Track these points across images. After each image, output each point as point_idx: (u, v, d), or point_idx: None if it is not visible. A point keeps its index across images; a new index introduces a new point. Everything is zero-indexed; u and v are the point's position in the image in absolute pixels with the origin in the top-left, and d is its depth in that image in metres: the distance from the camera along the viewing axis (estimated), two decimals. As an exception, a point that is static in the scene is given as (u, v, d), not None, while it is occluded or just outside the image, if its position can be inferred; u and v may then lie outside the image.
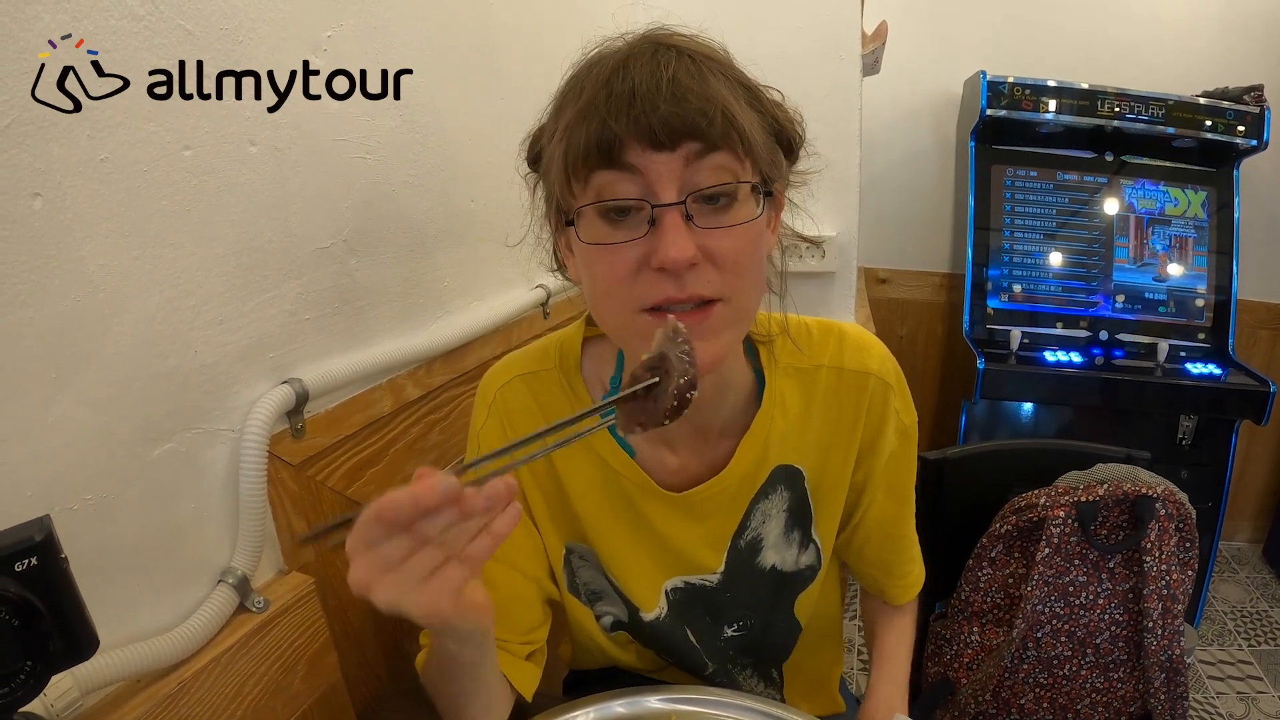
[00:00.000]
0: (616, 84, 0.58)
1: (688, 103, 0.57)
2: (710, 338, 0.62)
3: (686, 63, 0.59)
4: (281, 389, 0.75)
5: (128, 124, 0.59)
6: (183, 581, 0.69)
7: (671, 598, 0.85)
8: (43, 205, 0.53)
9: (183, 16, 0.63)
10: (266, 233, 0.74)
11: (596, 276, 0.64)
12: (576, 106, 0.60)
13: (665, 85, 0.57)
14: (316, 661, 0.79)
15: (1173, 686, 1.20)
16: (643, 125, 0.57)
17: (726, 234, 0.61)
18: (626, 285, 0.61)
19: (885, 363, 0.81)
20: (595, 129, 0.58)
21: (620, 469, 0.79)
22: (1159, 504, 1.12)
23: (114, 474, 0.61)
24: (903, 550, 0.91)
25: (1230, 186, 2.37)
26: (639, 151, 0.58)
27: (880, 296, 2.92)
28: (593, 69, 0.62)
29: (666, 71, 0.58)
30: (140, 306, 0.61)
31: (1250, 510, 2.97)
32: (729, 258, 0.61)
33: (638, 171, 0.59)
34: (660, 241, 0.59)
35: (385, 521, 0.50)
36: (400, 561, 0.51)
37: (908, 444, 0.84)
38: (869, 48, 1.67)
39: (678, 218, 0.59)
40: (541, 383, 0.80)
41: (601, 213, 0.61)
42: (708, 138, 0.58)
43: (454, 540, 0.52)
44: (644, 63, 0.59)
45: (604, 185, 0.60)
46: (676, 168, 0.59)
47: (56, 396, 0.56)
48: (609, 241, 0.61)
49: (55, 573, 0.41)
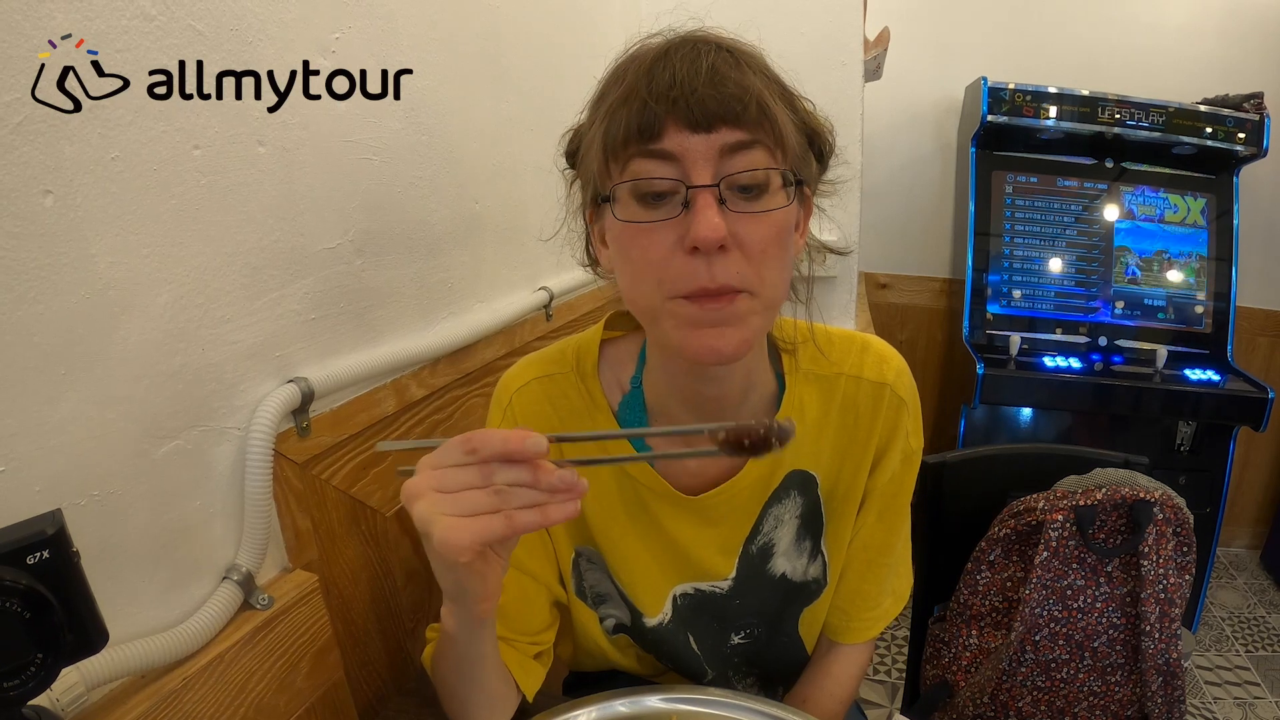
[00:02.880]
0: (658, 71, 0.60)
1: (725, 89, 0.59)
2: (736, 324, 0.63)
3: (726, 55, 0.61)
4: (287, 388, 0.76)
5: (138, 123, 0.59)
6: (188, 578, 0.69)
7: (679, 604, 0.85)
8: (54, 203, 0.54)
9: (193, 17, 0.64)
10: (274, 233, 0.74)
11: (631, 259, 0.65)
12: (617, 92, 0.62)
13: (704, 72, 0.59)
14: (320, 659, 0.79)
15: (1170, 690, 1.20)
16: (681, 108, 0.58)
17: (756, 221, 0.62)
18: (660, 269, 0.62)
19: (901, 377, 0.81)
20: (635, 111, 0.60)
21: (636, 474, 0.79)
22: (1156, 508, 1.12)
23: (121, 471, 0.61)
24: (883, 581, 0.89)
25: (1230, 193, 2.39)
26: (676, 133, 0.59)
27: (880, 301, 2.93)
28: (634, 60, 0.63)
29: (706, 60, 0.60)
30: (149, 305, 0.62)
31: (1248, 516, 2.97)
32: (758, 246, 0.62)
33: (674, 154, 0.60)
34: (693, 221, 0.59)
35: (469, 449, 0.52)
36: (457, 488, 0.52)
37: (909, 468, 0.84)
38: (871, 53, 1.67)
39: (711, 199, 0.60)
40: (557, 386, 0.80)
41: (637, 195, 0.62)
42: (743, 123, 0.60)
43: (509, 498, 0.53)
44: (685, 54, 0.61)
45: (641, 166, 0.61)
46: (712, 152, 0.60)
47: (65, 393, 0.56)
48: (644, 220, 0.62)
49: (66, 566, 0.42)
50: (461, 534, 0.51)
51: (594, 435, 0.54)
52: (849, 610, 0.89)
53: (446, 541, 0.51)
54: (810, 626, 0.90)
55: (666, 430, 0.79)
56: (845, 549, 0.86)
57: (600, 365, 0.81)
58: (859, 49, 1.55)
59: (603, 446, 0.81)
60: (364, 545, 0.90)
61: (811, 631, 0.91)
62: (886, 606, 0.90)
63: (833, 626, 0.91)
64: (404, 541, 0.98)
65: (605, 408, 0.80)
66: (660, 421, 0.80)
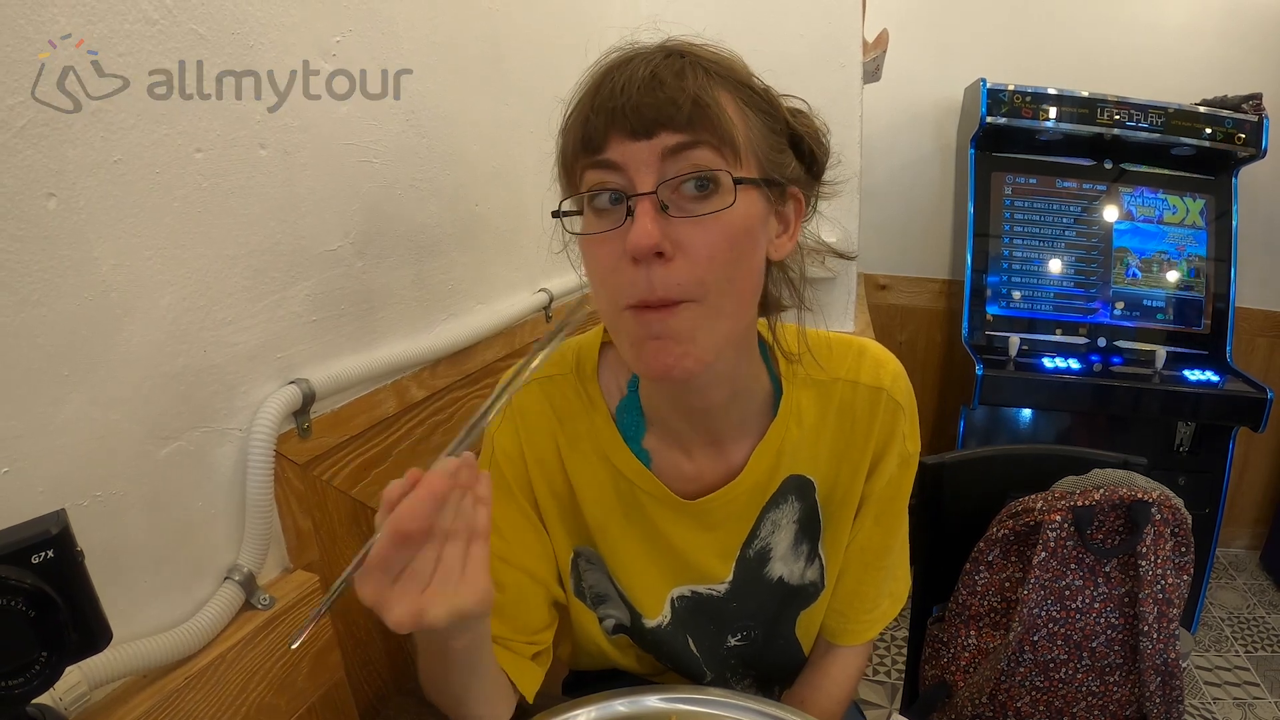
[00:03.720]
0: (604, 84, 0.61)
1: (660, 93, 0.59)
2: (684, 340, 0.62)
3: (673, 61, 0.61)
4: (288, 389, 0.76)
5: (140, 126, 0.60)
6: (189, 578, 0.69)
7: (676, 606, 0.86)
8: (57, 206, 0.54)
9: (195, 20, 0.64)
10: (276, 235, 0.75)
11: (589, 270, 0.66)
12: (574, 108, 0.64)
13: (642, 79, 0.59)
14: (320, 659, 0.80)
15: (1168, 690, 1.20)
16: (619, 117, 0.59)
17: (701, 225, 0.60)
18: (611, 278, 0.63)
19: (898, 381, 0.81)
20: (580, 123, 0.62)
21: (634, 478, 0.79)
22: (1154, 509, 1.13)
23: (123, 472, 0.62)
24: (880, 584, 0.89)
25: (1229, 194, 2.39)
26: (618, 143, 0.60)
27: (880, 303, 2.93)
28: (592, 76, 0.64)
29: (647, 68, 0.60)
30: (151, 307, 0.62)
31: (1248, 517, 2.97)
32: (703, 251, 0.60)
33: (617, 163, 0.60)
34: (629, 229, 0.59)
35: (413, 535, 0.50)
36: (432, 570, 0.52)
37: (906, 472, 0.84)
38: (870, 55, 1.68)
39: (649, 206, 0.59)
40: (558, 388, 0.81)
41: (592, 205, 0.63)
42: (679, 125, 0.59)
43: (468, 519, 0.54)
44: (634, 64, 0.61)
45: (591, 177, 0.62)
46: (654, 158, 0.60)
47: (68, 395, 0.56)
48: (591, 232, 0.63)
49: (71, 565, 0.42)
50: (475, 584, 0.54)
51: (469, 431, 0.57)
52: (846, 613, 0.89)
53: (478, 601, 0.54)
54: (807, 629, 0.91)
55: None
56: (842, 552, 0.86)
57: (600, 368, 0.81)
58: (858, 51, 1.55)
59: (599, 448, 0.81)
60: (364, 545, 0.90)
61: (809, 634, 0.91)
62: (884, 609, 0.90)
63: (830, 629, 0.91)
64: (404, 542, 0.98)
65: (604, 410, 0.80)
66: (657, 424, 0.80)
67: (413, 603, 0.51)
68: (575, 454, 0.80)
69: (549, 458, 0.81)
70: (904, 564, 0.91)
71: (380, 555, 0.50)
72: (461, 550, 0.53)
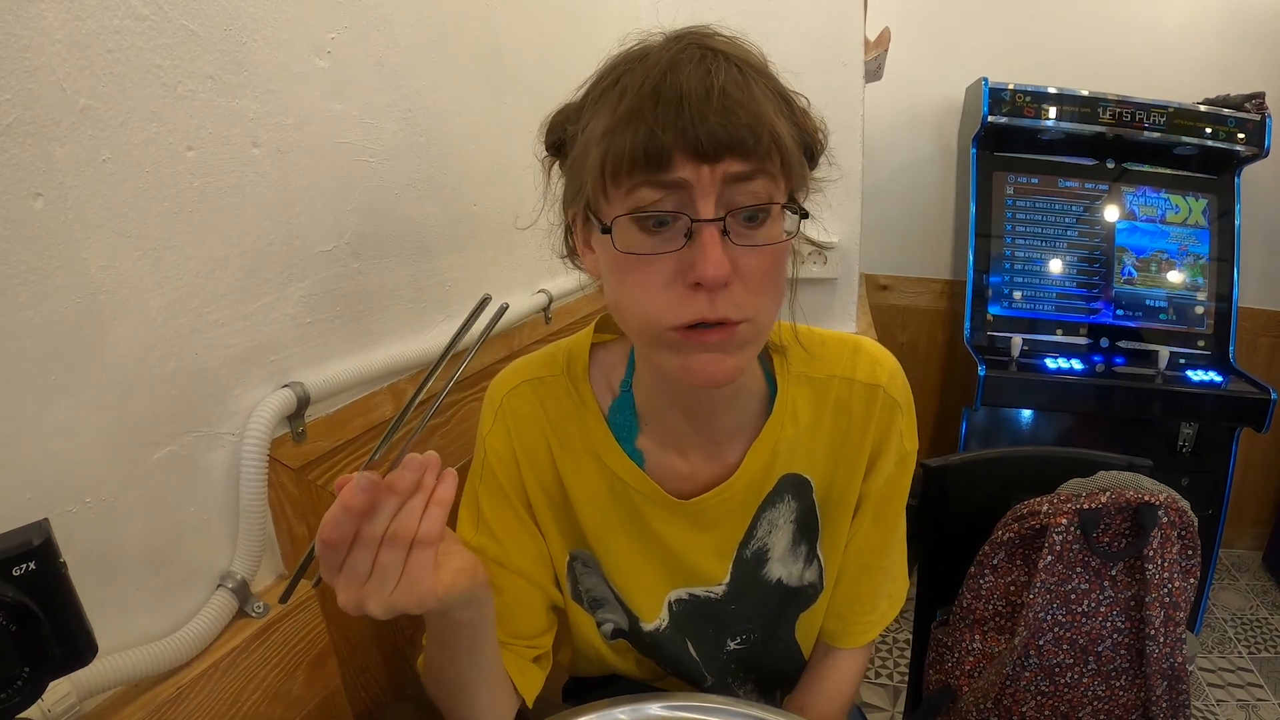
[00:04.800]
0: (665, 89, 0.57)
1: (736, 116, 0.56)
2: (733, 353, 0.63)
3: (734, 72, 0.58)
4: (283, 393, 0.75)
5: (130, 124, 0.58)
6: (182, 586, 0.68)
7: (674, 609, 0.85)
8: (44, 205, 0.53)
9: (186, 16, 0.63)
10: (269, 235, 0.74)
11: (627, 284, 0.63)
12: (621, 109, 0.58)
13: (715, 96, 0.56)
14: (316, 667, 0.78)
15: (1174, 695, 1.19)
16: (690, 137, 0.56)
17: (757, 253, 0.61)
18: (658, 298, 0.61)
19: (895, 379, 0.80)
20: (642, 137, 0.56)
21: (628, 478, 0.78)
22: (1161, 511, 1.12)
23: (114, 477, 0.60)
24: (878, 585, 0.88)
25: (1231, 194, 2.38)
26: (684, 163, 0.57)
27: (881, 303, 2.92)
28: (635, 66, 0.60)
29: (716, 80, 0.57)
30: (142, 309, 0.61)
31: (1250, 518, 2.96)
32: (757, 277, 0.61)
33: (681, 182, 0.58)
34: (698, 257, 0.58)
35: (333, 542, 0.54)
36: (369, 571, 0.55)
37: (904, 471, 0.83)
38: (872, 54, 1.67)
39: (716, 234, 0.58)
40: (548, 388, 0.80)
41: (639, 222, 0.60)
42: (752, 155, 0.58)
43: (407, 526, 0.55)
44: (692, 68, 0.57)
45: (644, 191, 0.59)
46: (718, 181, 0.58)
47: (57, 399, 0.55)
48: (644, 251, 0.60)
49: (54, 577, 0.41)
50: (416, 587, 0.57)
51: (393, 426, 0.60)
52: (845, 615, 0.88)
53: (420, 602, 0.57)
54: (807, 631, 0.90)
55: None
56: (841, 553, 0.85)
57: (591, 368, 0.81)
58: (860, 49, 1.54)
59: (591, 448, 0.80)
60: (361, 551, 0.89)
61: (808, 636, 0.90)
62: (883, 610, 0.89)
63: (829, 631, 0.90)
64: (402, 547, 0.97)
65: (595, 410, 0.79)
66: (653, 423, 0.79)
67: (353, 594, 0.55)
68: (567, 455, 0.80)
69: (541, 459, 0.80)
70: (902, 565, 0.91)
71: (318, 552, 0.55)
72: (398, 556, 0.56)
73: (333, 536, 0.53)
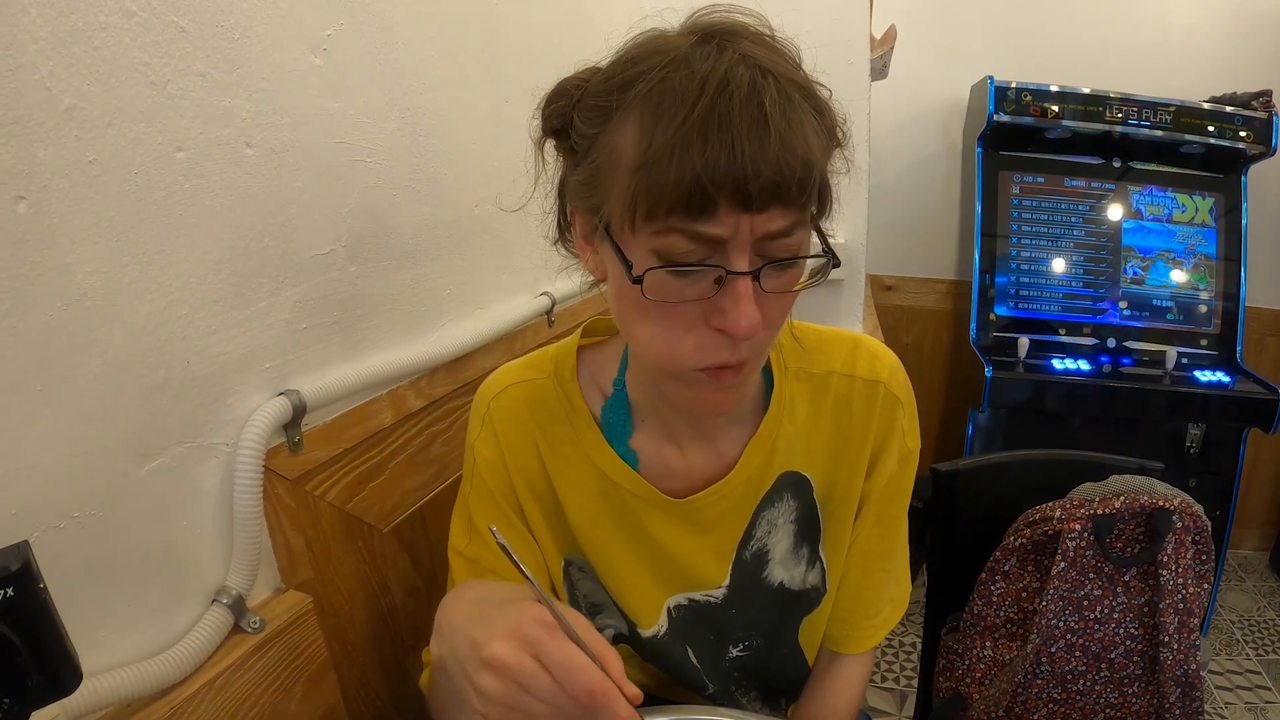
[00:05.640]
0: (714, 125, 0.51)
1: (790, 168, 0.52)
2: (741, 387, 0.66)
3: (783, 103, 0.53)
4: (278, 401, 0.73)
5: (117, 125, 0.56)
6: (175, 602, 0.66)
7: (674, 615, 0.83)
8: (27, 209, 0.51)
9: (176, 13, 0.61)
10: (263, 238, 0.72)
11: (647, 320, 0.61)
12: (661, 136, 0.53)
13: (772, 144, 0.52)
14: (315, 682, 0.77)
15: (1188, 702, 1.17)
16: (740, 194, 0.52)
17: (784, 298, 0.61)
18: (680, 339, 0.60)
19: (895, 375, 0.79)
20: (688, 180, 0.51)
21: (620, 479, 0.77)
22: (1175, 517, 1.10)
23: (103, 491, 0.58)
24: (882, 589, 0.86)
25: (1238, 192, 2.37)
26: (728, 215, 0.53)
27: (886, 304, 2.91)
28: (669, 72, 0.54)
29: (771, 118, 0.52)
30: (130, 315, 0.59)
31: (1258, 519, 2.95)
32: (776, 319, 0.62)
33: (721, 238, 0.54)
34: (730, 308, 0.56)
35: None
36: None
37: (906, 470, 0.82)
38: (877, 52, 1.65)
39: (750, 287, 0.56)
40: (535, 391, 0.79)
41: (662, 256, 0.56)
42: (795, 204, 0.55)
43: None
44: (741, 100, 0.52)
45: (681, 244, 0.55)
46: (757, 233, 0.55)
47: (42, 410, 0.53)
48: (672, 300, 0.57)
49: (33, 604, 0.39)
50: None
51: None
52: (849, 619, 0.87)
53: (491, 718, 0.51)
54: (811, 636, 0.88)
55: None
56: (844, 555, 0.84)
57: (579, 370, 0.79)
58: (866, 47, 1.53)
59: (582, 451, 0.78)
60: (360, 563, 0.87)
61: (812, 642, 0.89)
62: (886, 614, 0.88)
63: (833, 636, 0.88)
64: (402, 558, 0.95)
65: (585, 412, 0.78)
66: (649, 420, 0.77)
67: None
68: (557, 459, 0.78)
69: (531, 464, 0.78)
70: (905, 567, 0.89)
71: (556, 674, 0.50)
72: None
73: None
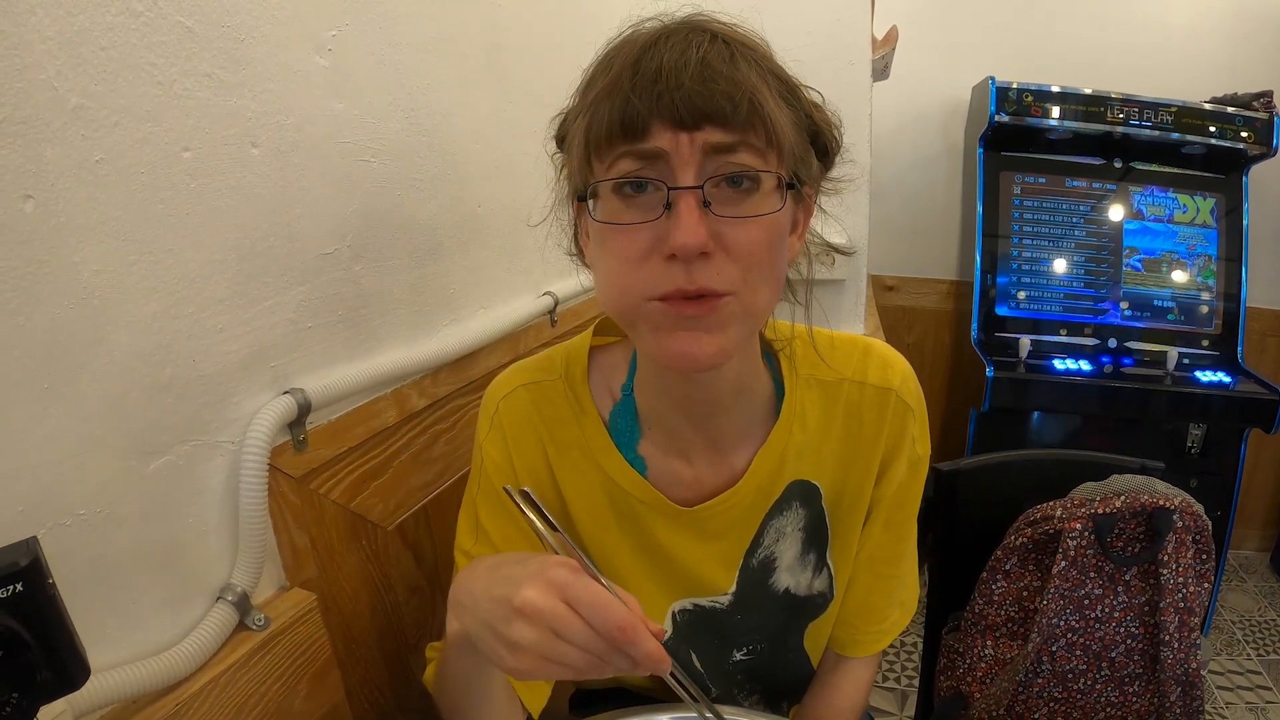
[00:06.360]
0: (645, 62, 0.56)
1: (714, 84, 0.55)
2: (715, 331, 0.60)
3: (720, 46, 0.57)
4: (283, 399, 0.73)
5: (124, 124, 0.57)
6: (180, 599, 0.66)
7: (678, 620, 0.83)
8: (34, 208, 0.51)
9: (182, 13, 0.61)
10: (269, 238, 0.72)
11: (607, 257, 0.62)
12: (603, 82, 0.58)
13: (694, 64, 0.55)
14: (319, 680, 0.77)
15: (1188, 701, 1.18)
16: (666, 103, 0.55)
17: (743, 225, 0.58)
18: (635, 269, 0.59)
19: (907, 382, 0.78)
20: (619, 105, 0.56)
21: (628, 485, 0.76)
22: (1176, 516, 1.10)
23: (109, 488, 0.58)
24: (891, 593, 0.86)
25: (1239, 193, 2.37)
26: (661, 130, 0.56)
27: (888, 304, 2.91)
28: (624, 48, 0.60)
29: (696, 52, 0.56)
30: (136, 314, 0.59)
31: (1258, 519, 2.95)
32: (744, 250, 0.59)
33: (658, 151, 0.57)
34: (673, 226, 0.56)
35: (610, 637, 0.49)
36: (569, 644, 0.50)
37: (916, 476, 0.81)
38: (879, 53, 1.65)
39: (693, 202, 0.56)
40: (544, 393, 0.78)
41: (618, 190, 0.59)
42: (732, 122, 0.56)
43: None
44: (675, 43, 0.57)
45: (624, 163, 0.58)
46: (698, 151, 0.56)
47: (49, 408, 0.53)
48: (622, 221, 0.59)
49: (42, 599, 0.39)
50: (539, 672, 0.51)
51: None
52: (856, 624, 0.86)
53: (524, 673, 0.51)
54: (816, 640, 0.88)
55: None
56: (852, 561, 0.84)
57: (590, 372, 0.79)
58: (867, 47, 1.53)
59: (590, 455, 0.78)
60: (364, 561, 0.88)
61: (818, 646, 0.89)
62: (894, 619, 0.88)
63: (839, 640, 0.88)
64: (405, 556, 0.95)
65: (594, 415, 0.77)
66: (655, 428, 0.77)
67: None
68: (565, 462, 0.78)
69: (538, 467, 0.78)
70: (913, 572, 0.89)
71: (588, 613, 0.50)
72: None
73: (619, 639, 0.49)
